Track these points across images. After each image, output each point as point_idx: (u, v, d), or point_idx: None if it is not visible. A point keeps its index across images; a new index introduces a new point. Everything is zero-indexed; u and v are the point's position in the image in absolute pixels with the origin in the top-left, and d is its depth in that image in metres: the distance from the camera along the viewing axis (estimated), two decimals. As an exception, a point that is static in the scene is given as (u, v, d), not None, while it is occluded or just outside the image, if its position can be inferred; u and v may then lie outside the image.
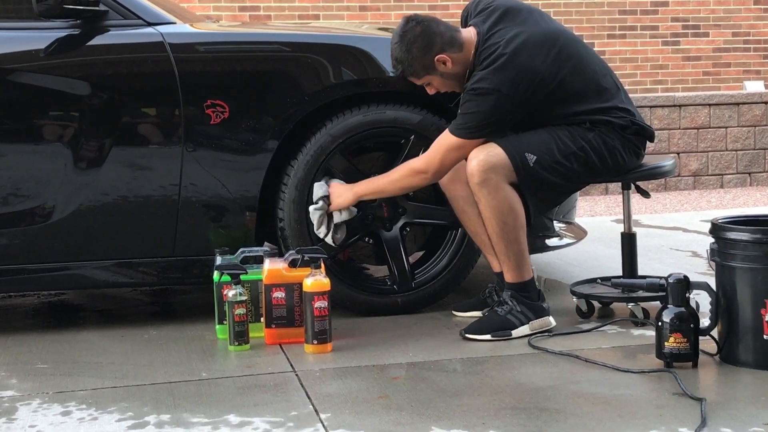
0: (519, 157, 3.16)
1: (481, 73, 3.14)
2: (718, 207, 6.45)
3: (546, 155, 3.18)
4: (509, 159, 3.15)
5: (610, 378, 2.79)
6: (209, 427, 2.48)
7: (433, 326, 3.42)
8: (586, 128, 3.23)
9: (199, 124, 3.39)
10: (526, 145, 3.19)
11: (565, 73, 3.19)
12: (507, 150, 3.16)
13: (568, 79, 3.20)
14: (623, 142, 3.26)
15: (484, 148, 3.18)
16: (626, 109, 3.29)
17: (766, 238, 2.78)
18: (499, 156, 3.15)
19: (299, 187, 3.45)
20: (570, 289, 3.52)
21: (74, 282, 3.47)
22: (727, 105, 7.37)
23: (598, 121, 3.23)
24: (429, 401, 2.63)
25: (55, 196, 3.36)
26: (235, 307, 3.17)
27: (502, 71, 3.12)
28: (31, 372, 3.02)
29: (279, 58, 3.52)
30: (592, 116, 3.23)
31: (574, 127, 3.23)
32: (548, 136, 3.21)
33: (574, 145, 3.20)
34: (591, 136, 3.22)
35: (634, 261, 3.51)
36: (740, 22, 9.21)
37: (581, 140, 3.21)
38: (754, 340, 2.81)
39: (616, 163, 3.27)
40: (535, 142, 3.20)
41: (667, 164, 3.42)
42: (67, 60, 3.39)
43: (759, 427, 2.38)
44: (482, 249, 3.47)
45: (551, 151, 3.19)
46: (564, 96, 3.21)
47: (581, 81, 3.23)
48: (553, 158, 3.18)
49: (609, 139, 3.24)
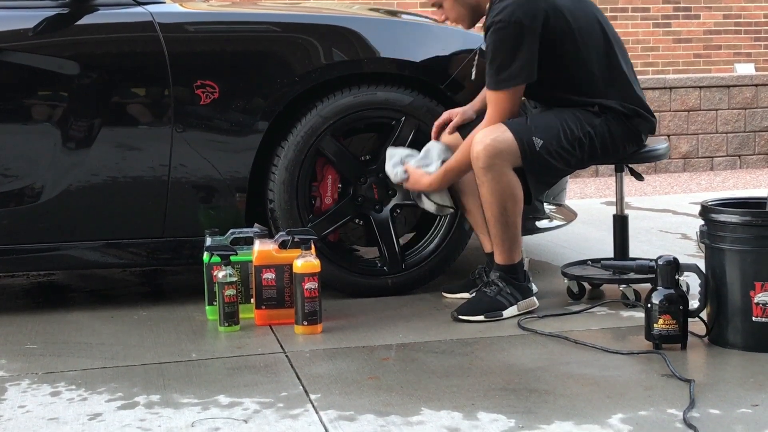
0: (527, 140, 3.14)
1: (501, 5, 3.12)
2: (708, 189, 6.47)
3: (552, 140, 3.17)
4: (516, 142, 3.14)
5: (600, 359, 2.80)
6: (199, 408, 2.49)
7: (423, 307, 3.42)
8: (593, 113, 3.22)
9: (188, 104, 3.37)
10: (534, 129, 3.17)
11: (585, 33, 3.19)
12: (515, 133, 3.14)
13: (585, 40, 3.19)
14: (627, 131, 3.26)
15: (492, 131, 3.15)
16: (637, 98, 3.29)
17: (756, 220, 2.79)
18: (507, 141, 3.14)
19: (289, 168, 3.44)
20: (561, 271, 3.53)
21: (64, 262, 3.46)
22: (717, 87, 7.38)
23: (607, 108, 3.22)
24: (419, 382, 2.63)
25: (44, 177, 3.34)
26: (225, 288, 3.17)
27: (520, 3, 3.10)
28: (20, 352, 3.01)
29: (269, 39, 3.50)
30: (602, 100, 3.22)
31: (582, 112, 3.22)
32: (556, 120, 3.20)
33: (580, 131, 3.20)
34: (598, 122, 3.22)
35: (626, 243, 3.52)
36: (731, 5, 9.20)
37: (587, 126, 3.20)
38: (743, 321, 2.82)
39: (616, 151, 3.27)
40: (542, 126, 3.18)
41: (661, 147, 3.43)
42: (56, 39, 3.36)
43: (747, 408, 2.39)
44: (474, 228, 3.47)
45: (558, 136, 3.18)
46: (578, 61, 3.19)
47: (594, 43, 3.21)
48: (558, 143, 3.18)
49: (614, 127, 3.23)
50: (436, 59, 3.55)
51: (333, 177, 3.59)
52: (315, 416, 2.41)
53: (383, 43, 3.51)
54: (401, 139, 3.53)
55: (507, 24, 3.09)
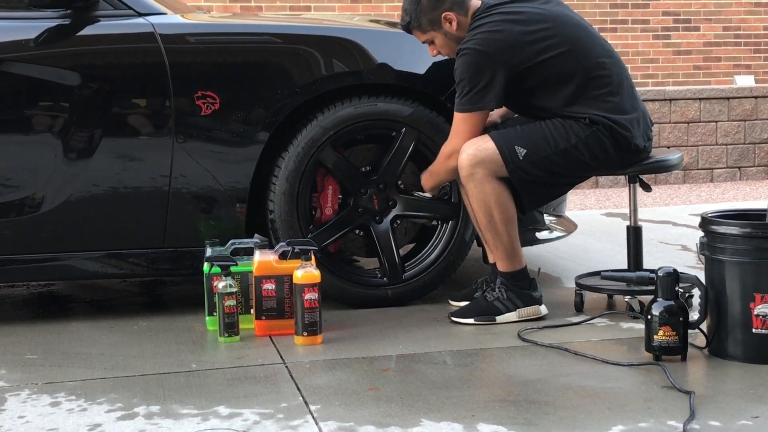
0: (509, 150, 3.19)
1: (466, 36, 3.22)
2: (708, 201, 6.47)
3: (535, 149, 3.19)
4: (499, 152, 3.18)
5: (600, 371, 2.80)
6: (199, 419, 2.48)
7: (423, 318, 3.42)
8: (583, 124, 3.22)
9: (189, 115, 3.38)
10: (517, 139, 3.21)
11: (556, 50, 3.20)
12: (498, 143, 3.20)
13: (557, 58, 3.20)
14: (617, 142, 3.24)
15: (475, 142, 3.21)
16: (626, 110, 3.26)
17: (756, 232, 2.79)
18: (489, 150, 3.19)
19: (290, 179, 3.45)
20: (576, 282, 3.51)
21: (64, 273, 3.47)
22: (717, 99, 7.39)
23: (598, 120, 3.22)
24: (418, 393, 2.63)
25: (45, 187, 3.35)
26: (225, 299, 3.17)
27: (482, 32, 3.18)
28: (20, 363, 3.01)
29: (270, 50, 3.51)
30: (591, 113, 3.22)
31: (571, 123, 3.23)
32: (541, 130, 3.22)
33: (567, 142, 3.21)
34: (586, 133, 3.22)
35: (640, 254, 3.50)
36: (731, 17, 9.21)
37: (575, 137, 3.21)
38: (743, 333, 2.82)
39: (608, 161, 3.26)
40: (526, 136, 3.22)
41: (674, 158, 3.41)
42: (58, 50, 3.37)
43: (747, 420, 2.39)
44: (480, 236, 3.48)
45: (541, 146, 3.20)
46: (555, 75, 3.21)
47: (575, 64, 3.22)
48: (541, 153, 3.20)
49: (604, 138, 3.22)
50: (436, 70, 3.55)
51: (333, 188, 3.59)
52: (315, 427, 2.41)
53: (383, 55, 3.52)
54: (401, 150, 3.53)
55: (466, 51, 3.18)
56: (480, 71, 3.17)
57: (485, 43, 3.17)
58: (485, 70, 3.17)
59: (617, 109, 3.24)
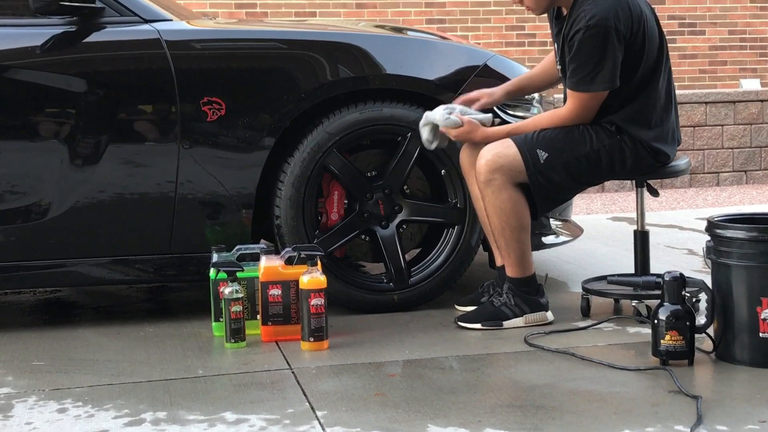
0: (531, 153, 3.17)
1: (589, 7, 3.10)
2: (714, 205, 6.46)
3: (557, 153, 3.18)
4: (521, 156, 3.16)
5: (606, 375, 2.80)
6: (205, 425, 2.48)
7: (430, 324, 3.42)
8: (609, 132, 3.20)
9: (195, 121, 3.38)
10: (539, 142, 3.18)
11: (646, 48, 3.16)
12: (520, 147, 3.17)
13: (642, 54, 3.15)
14: (639, 154, 3.21)
15: (495, 147, 3.19)
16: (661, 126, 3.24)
17: (762, 236, 2.78)
18: (509, 156, 3.16)
19: (296, 185, 3.45)
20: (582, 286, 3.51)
21: (70, 279, 3.47)
22: (723, 103, 7.37)
23: (624, 130, 3.20)
24: (425, 398, 2.63)
25: (52, 193, 3.35)
26: (232, 305, 3.17)
27: (608, 3, 3.09)
28: (27, 369, 3.02)
29: (275, 56, 3.51)
30: (622, 121, 3.18)
31: (597, 128, 3.21)
32: (565, 135, 3.20)
33: (589, 147, 3.19)
34: (610, 141, 3.20)
35: (647, 259, 3.49)
36: (736, 20, 9.21)
37: (598, 143, 3.19)
38: (750, 337, 2.81)
39: (624, 169, 3.25)
40: (549, 140, 3.19)
41: (681, 163, 3.41)
42: (64, 57, 3.38)
43: (754, 425, 2.38)
44: (489, 239, 3.47)
45: (563, 150, 3.18)
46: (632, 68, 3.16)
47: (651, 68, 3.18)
48: (563, 157, 3.18)
49: (626, 148, 3.20)
50: (442, 75, 3.55)
51: (339, 193, 3.60)
52: (321, 433, 2.41)
53: (389, 60, 3.52)
54: (407, 155, 3.53)
55: (598, 24, 3.07)
56: (612, 48, 3.08)
57: (616, 18, 3.07)
58: (615, 45, 3.08)
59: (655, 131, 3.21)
